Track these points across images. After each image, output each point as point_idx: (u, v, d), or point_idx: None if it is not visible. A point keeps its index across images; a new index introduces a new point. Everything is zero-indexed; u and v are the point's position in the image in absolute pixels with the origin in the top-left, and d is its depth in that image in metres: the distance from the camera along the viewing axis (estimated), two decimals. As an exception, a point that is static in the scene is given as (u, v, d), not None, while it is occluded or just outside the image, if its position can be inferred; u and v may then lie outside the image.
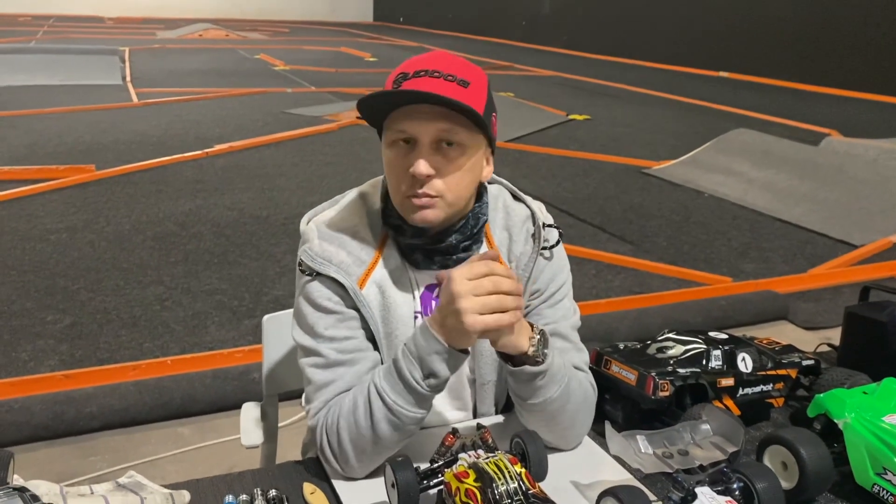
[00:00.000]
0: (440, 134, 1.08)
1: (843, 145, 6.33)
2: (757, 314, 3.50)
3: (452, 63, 1.10)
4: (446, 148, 1.10)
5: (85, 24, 20.53)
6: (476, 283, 1.02)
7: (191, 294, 3.49)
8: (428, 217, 1.11)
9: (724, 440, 1.17)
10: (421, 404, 1.07)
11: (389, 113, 1.10)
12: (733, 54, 12.85)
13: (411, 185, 1.10)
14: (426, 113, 1.07)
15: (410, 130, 1.08)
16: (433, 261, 1.18)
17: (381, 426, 1.07)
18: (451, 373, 1.06)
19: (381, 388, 1.07)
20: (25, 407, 2.46)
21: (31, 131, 6.69)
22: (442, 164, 1.09)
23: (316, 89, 9.81)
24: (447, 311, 1.02)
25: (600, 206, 5.11)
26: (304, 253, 1.17)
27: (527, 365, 1.09)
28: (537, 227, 1.23)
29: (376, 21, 26.88)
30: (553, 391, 1.12)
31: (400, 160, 1.10)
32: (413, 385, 1.05)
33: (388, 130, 1.11)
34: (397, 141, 1.10)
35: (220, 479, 1.11)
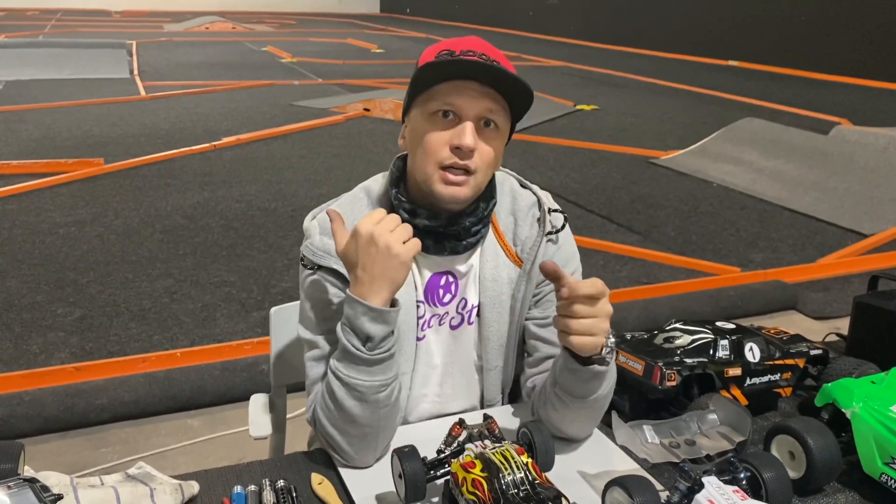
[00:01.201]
0: (485, 113, 1.11)
1: (853, 134, 6.29)
2: (766, 304, 3.49)
3: (492, 50, 1.13)
4: (484, 128, 1.12)
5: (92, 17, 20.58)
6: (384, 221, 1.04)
7: (199, 286, 3.50)
8: (459, 195, 1.12)
9: (731, 430, 1.17)
10: (373, 371, 1.07)
11: (433, 85, 1.11)
12: (742, 43, 12.77)
13: (450, 156, 1.11)
14: (475, 90, 1.09)
15: (458, 104, 1.10)
16: (444, 246, 1.19)
17: (347, 403, 1.07)
18: (387, 329, 1.06)
19: (335, 367, 1.08)
20: (37, 399, 2.48)
21: (40, 125, 6.72)
22: (481, 142, 1.12)
23: (323, 81, 9.81)
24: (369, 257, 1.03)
25: (608, 197, 5.09)
26: (306, 248, 1.19)
27: (595, 365, 1.08)
28: (543, 212, 1.24)
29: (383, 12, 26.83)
30: (605, 388, 1.13)
31: (440, 131, 1.11)
32: (355, 353, 1.05)
33: (431, 101, 1.12)
34: (437, 113, 1.11)
35: (228, 469, 1.12)
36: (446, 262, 1.21)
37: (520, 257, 1.23)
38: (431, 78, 1.11)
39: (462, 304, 1.24)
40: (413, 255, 1.04)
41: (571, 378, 1.10)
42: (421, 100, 1.14)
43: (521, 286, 1.22)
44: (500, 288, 1.22)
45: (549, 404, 1.16)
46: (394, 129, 6.88)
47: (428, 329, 1.23)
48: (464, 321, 1.25)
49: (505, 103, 1.12)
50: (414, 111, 1.16)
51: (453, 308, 1.24)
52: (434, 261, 1.21)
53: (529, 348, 1.26)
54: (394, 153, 1.24)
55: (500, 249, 1.23)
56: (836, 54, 11.18)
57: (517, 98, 1.13)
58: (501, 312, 1.23)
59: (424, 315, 1.22)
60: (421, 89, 1.13)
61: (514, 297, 1.23)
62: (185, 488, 1.04)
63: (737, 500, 0.94)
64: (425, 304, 1.22)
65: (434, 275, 1.22)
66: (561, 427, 1.17)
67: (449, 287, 1.23)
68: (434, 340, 1.24)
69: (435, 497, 1.02)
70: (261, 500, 1.03)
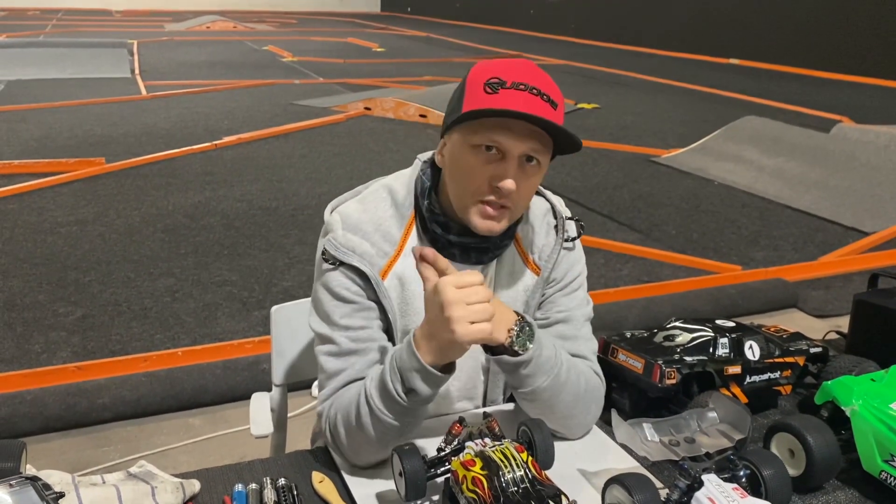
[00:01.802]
0: (529, 152, 1.09)
1: (854, 132, 6.28)
2: (767, 302, 3.49)
3: (542, 78, 1.09)
4: (526, 163, 1.11)
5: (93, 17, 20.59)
6: (467, 290, 1.00)
7: (201, 285, 3.51)
8: (494, 228, 1.13)
9: (730, 428, 1.17)
10: (405, 414, 1.06)
11: (482, 116, 1.08)
12: (743, 41, 12.75)
13: (488, 192, 1.10)
14: (521, 129, 1.07)
15: (504, 143, 1.08)
16: (469, 256, 1.20)
17: (369, 429, 1.07)
18: (433, 391, 1.05)
19: (370, 394, 1.07)
20: (39, 398, 2.48)
21: (42, 125, 6.72)
22: (521, 179, 1.10)
23: (324, 80, 9.81)
24: (438, 321, 1.01)
25: (609, 195, 5.09)
26: (329, 242, 1.17)
27: (505, 355, 1.09)
28: (559, 219, 1.25)
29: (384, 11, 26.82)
30: (541, 381, 1.12)
31: (482, 166, 1.10)
32: (395, 397, 1.05)
33: (475, 134, 1.09)
34: (481, 146, 1.09)
35: (229, 468, 1.12)
36: (463, 267, 1.22)
37: (537, 265, 1.23)
38: (479, 111, 1.08)
39: None
40: (472, 341, 1.01)
41: (501, 370, 1.15)
42: (465, 128, 1.11)
43: (537, 293, 1.23)
44: (515, 294, 1.23)
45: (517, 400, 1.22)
46: (395, 128, 6.88)
47: None
48: None
49: (549, 140, 1.10)
50: (456, 134, 1.13)
51: None
52: (455, 267, 1.21)
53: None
54: (395, 151, 1.25)
55: (518, 257, 1.24)
56: (838, 52, 11.17)
57: (565, 145, 1.12)
58: None
59: None
60: (468, 116, 1.09)
61: (528, 304, 1.23)
62: (187, 487, 1.04)
63: (736, 497, 0.94)
64: None
65: None
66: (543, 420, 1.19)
67: None
68: None
69: (435, 495, 1.02)
70: (262, 498, 1.03)
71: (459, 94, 1.12)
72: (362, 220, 1.18)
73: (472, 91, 1.09)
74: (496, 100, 1.06)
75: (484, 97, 1.07)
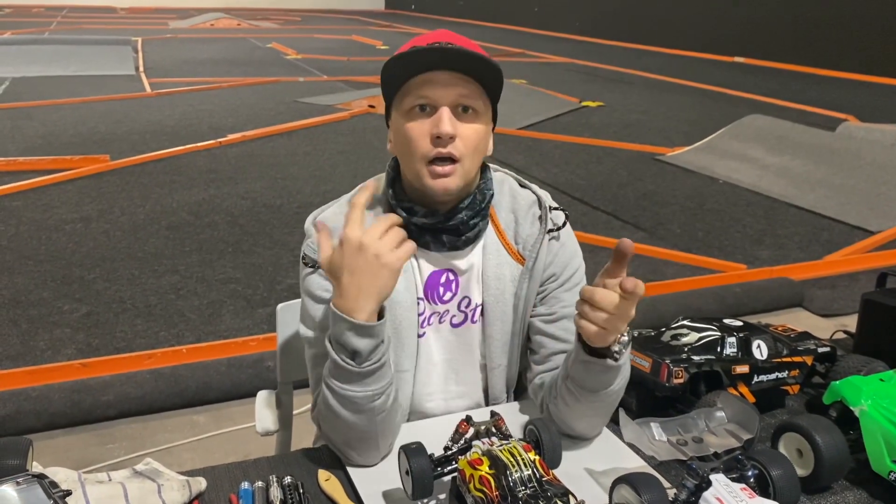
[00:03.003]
0: (459, 99, 1.10)
1: (860, 130, 6.26)
2: (772, 301, 3.48)
3: (460, 38, 1.13)
4: (462, 113, 1.12)
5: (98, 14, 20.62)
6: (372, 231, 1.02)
7: (205, 283, 3.51)
8: (448, 185, 1.12)
9: (738, 427, 1.17)
10: (366, 383, 1.05)
11: (405, 82, 1.11)
12: (748, 39, 12.72)
13: (433, 148, 1.11)
14: (445, 79, 1.09)
15: (431, 95, 1.10)
16: (443, 242, 1.19)
17: (343, 413, 1.07)
18: (375, 342, 1.04)
19: (327, 379, 1.07)
20: (44, 395, 2.49)
21: (47, 122, 6.73)
22: (460, 128, 1.11)
23: (328, 78, 9.81)
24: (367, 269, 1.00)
25: (614, 194, 5.08)
26: (307, 247, 1.19)
27: (608, 358, 1.07)
28: (544, 210, 1.24)
29: (388, 9, 26.81)
30: (617, 384, 1.12)
31: (419, 126, 1.11)
32: (343, 366, 1.04)
33: (406, 97, 1.12)
34: (414, 108, 1.12)
35: (235, 466, 1.12)
36: (446, 260, 1.21)
37: (521, 255, 1.23)
38: (401, 75, 1.11)
39: (465, 303, 1.24)
40: (405, 261, 1.03)
41: (584, 370, 1.10)
42: (396, 99, 1.14)
43: (524, 284, 1.22)
44: (503, 286, 1.22)
45: (559, 398, 1.16)
46: (399, 126, 6.87)
47: (428, 326, 1.23)
48: (467, 319, 1.24)
49: (479, 86, 1.11)
50: (393, 113, 1.16)
51: (454, 306, 1.24)
52: (433, 257, 1.21)
53: (535, 345, 1.26)
54: (397, 149, 1.25)
55: (502, 247, 1.23)
56: (843, 50, 11.14)
57: (489, 79, 1.12)
58: (505, 310, 1.23)
59: (424, 312, 1.22)
60: (394, 88, 1.13)
61: (517, 296, 1.23)
62: (193, 484, 1.04)
63: (745, 497, 0.93)
64: (425, 302, 1.22)
65: (434, 272, 1.22)
66: (570, 423, 1.16)
67: (449, 285, 1.23)
68: (434, 338, 1.24)
69: (442, 494, 1.02)
70: (268, 496, 1.03)
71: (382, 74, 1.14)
72: (339, 221, 1.17)
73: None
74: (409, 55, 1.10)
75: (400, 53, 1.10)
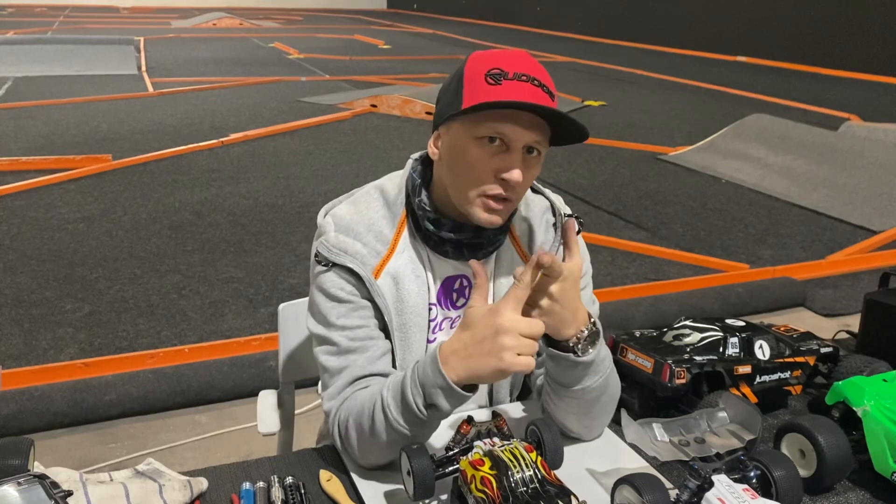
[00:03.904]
0: (532, 143, 1.09)
1: (863, 130, 6.25)
2: (774, 301, 3.47)
3: (540, 70, 1.10)
4: (527, 155, 1.10)
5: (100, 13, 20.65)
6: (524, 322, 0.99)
7: (207, 282, 3.51)
8: (496, 222, 1.12)
9: (741, 428, 1.17)
10: (422, 426, 1.05)
11: (488, 108, 1.07)
12: (751, 38, 12.71)
13: (494, 187, 1.10)
14: (528, 120, 1.07)
15: (509, 134, 1.07)
16: (463, 253, 1.19)
17: (383, 437, 1.06)
18: (454, 408, 1.04)
19: (387, 404, 1.06)
20: (46, 394, 2.49)
21: (49, 121, 6.74)
22: (524, 170, 1.10)
23: (330, 77, 9.81)
24: (486, 343, 0.99)
25: (616, 193, 5.08)
26: (321, 244, 1.18)
27: (571, 353, 1.08)
28: (558, 216, 1.24)
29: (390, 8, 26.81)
30: (593, 381, 1.11)
31: (487, 158, 1.09)
32: (414, 410, 1.03)
33: (479, 126, 1.08)
34: (485, 138, 1.09)
35: (237, 466, 1.12)
36: (461, 266, 1.21)
37: None
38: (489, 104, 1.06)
39: None
40: (518, 370, 0.99)
41: (554, 366, 1.11)
42: (470, 119, 1.09)
43: None
44: None
45: (546, 395, 1.18)
46: (400, 125, 6.88)
47: (439, 332, 1.23)
48: None
49: (547, 129, 1.10)
50: (457, 126, 1.11)
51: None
52: (450, 264, 1.21)
53: (540, 347, 1.26)
54: (401, 149, 1.25)
55: (517, 254, 1.23)
56: (846, 50, 11.12)
57: (566, 136, 1.11)
58: None
59: (437, 318, 1.22)
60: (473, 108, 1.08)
61: None
62: (194, 484, 1.04)
63: (747, 498, 0.93)
64: (438, 307, 1.22)
65: (448, 278, 1.21)
66: (561, 421, 1.17)
67: (463, 291, 1.23)
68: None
69: (444, 494, 1.02)
70: (269, 496, 1.03)
71: (457, 85, 1.10)
72: (354, 220, 1.18)
73: (473, 82, 1.08)
74: (501, 91, 1.05)
75: (487, 88, 1.06)
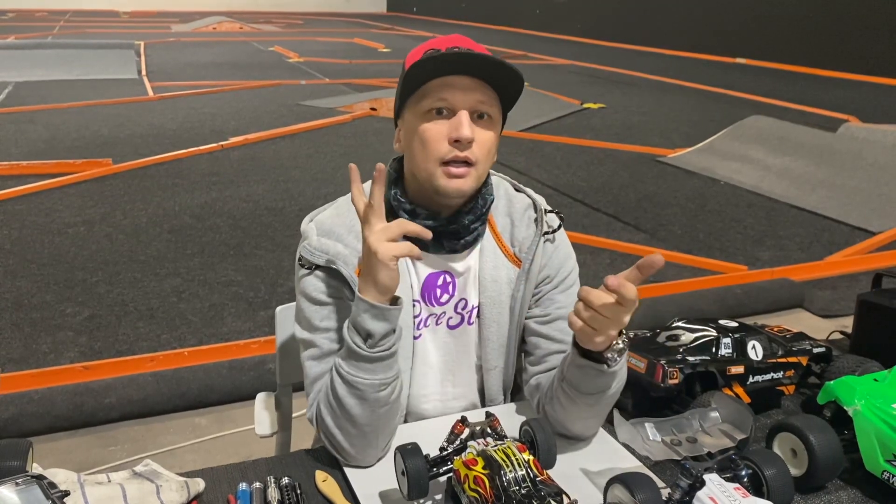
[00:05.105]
0: (477, 105, 1.13)
1: (861, 131, 6.26)
2: (773, 302, 3.48)
3: (476, 46, 1.15)
4: (478, 119, 1.14)
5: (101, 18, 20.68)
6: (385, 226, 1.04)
7: (207, 286, 3.52)
8: (463, 187, 1.14)
9: (732, 427, 1.18)
10: (375, 370, 1.08)
11: (423, 84, 1.12)
12: (750, 40, 12.72)
13: (449, 150, 1.12)
14: (466, 84, 1.11)
15: (451, 99, 1.12)
16: (442, 245, 1.20)
17: (347, 401, 1.09)
18: (388, 327, 1.06)
19: (338, 364, 1.09)
20: (46, 398, 2.50)
21: (49, 126, 6.75)
22: (477, 134, 1.13)
23: (330, 81, 9.83)
24: (366, 255, 1.04)
25: (615, 195, 5.09)
26: (304, 248, 1.20)
27: (604, 364, 1.08)
28: (539, 213, 1.26)
29: (390, 12, 26.85)
30: (613, 387, 1.13)
31: (437, 128, 1.13)
32: (356, 350, 1.06)
33: (422, 101, 1.13)
34: (432, 111, 1.13)
35: (234, 467, 1.13)
36: (443, 262, 1.23)
37: (518, 257, 1.24)
38: (421, 76, 1.12)
39: (462, 305, 1.25)
40: (393, 255, 1.03)
41: (579, 374, 1.11)
42: (413, 100, 1.15)
43: (521, 286, 1.23)
44: (500, 288, 1.24)
45: (555, 400, 1.17)
46: (400, 129, 6.88)
47: (424, 328, 1.24)
48: (463, 321, 1.26)
49: (495, 94, 1.14)
50: (407, 113, 1.17)
51: (451, 308, 1.25)
52: (431, 260, 1.22)
53: (531, 346, 1.27)
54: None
55: (499, 250, 1.25)
56: (844, 51, 11.13)
57: (508, 86, 1.14)
58: (501, 312, 1.24)
59: (421, 314, 1.24)
60: (412, 89, 1.14)
61: (514, 297, 1.24)
62: (191, 485, 1.05)
63: (738, 497, 0.94)
64: (422, 304, 1.23)
65: (431, 274, 1.23)
66: (566, 424, 1.17)
67: (446, 287, 1.24)
68: (431, 339, 1.25)
69: (438, 494, 1.03)
70: (265, 497, 1.04)
71: (401, 74, 1.15)
72: (335, 224, 1.20)
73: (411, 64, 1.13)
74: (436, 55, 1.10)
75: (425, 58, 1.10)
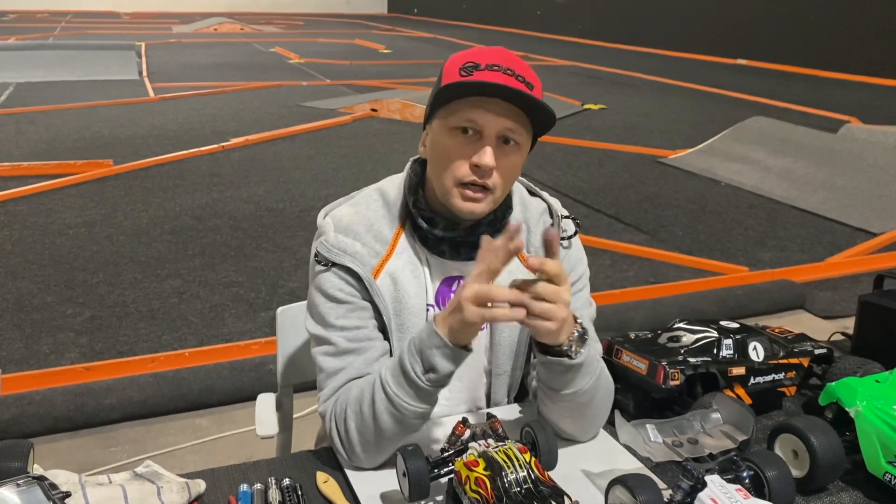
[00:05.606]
0: (505, 131, 1.10)
1: (862, 132, 6.26)
2: (774, 303, 3.48)
3: (517, 62, 1.12)
4: (503, 145, 1.12)
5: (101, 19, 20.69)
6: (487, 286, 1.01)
7: (208, 287, 3.52)
8: (476, 210, 1.13)
9: (734, 429, 1.18)
10: (422, 399, 1.07)
11: (455, 99, 1.10)
12: (751, 41, 12.72)
13: (469, 174, 1.11)
14: (497, 107, 1.09)
15: (480, 121, 1.10)
16: (459, 253, 1.20)
17: (384, 418, 1.08)
18: (452, 368, 1.06)
19: (385, 380, 1.08)
20: (47, 399, 2.50)
21: (50, 127, 6.76)
22: (500, 159, 1.11)
23: (331, 82, 9.83)
24: (452, 303, 1.03)
25: (615, 196, 5.09)
26: (321, 245, 1.19)
27: (563, 357, 1.09)
28: (555, 218, 1.25)
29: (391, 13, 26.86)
30: (585, 383, 1.12)
31: (460, 148, 1.11)
32: (413, 379, 1.05)
33: (451, 116, 1.11)
34: (458, 129, 1.11)
35: (234, 468, 1.13)
36: (458, 267, 1.22)
37: None
38: (454, 91, 1.10)
39: None
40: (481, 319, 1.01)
41: (547, 372, 1.12)
42: (443, 112, 1.13)
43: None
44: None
45: (541, 402, 1.19)
46: (401, 130, 6.89)
47: None
48: None
49: (527, 120, 1.11)
50: (436, 122, 1.15)
51: None
52: (447, 265, 1.22)
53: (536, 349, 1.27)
54: (401, 153, 1.26)
55: (516, 257, 1.24)
56: (845, 52, 11.13)
57: (539, 116, 1.12)
58: None
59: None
60: (444, 101, 1.12)
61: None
62: (192, 486, 1.05)
63: (740, 498, 0.94)
64: (435, 308, 1.23)
65: (446, 279, 1.23)
66: (555, 423, 1.18)
67: None
68: None
69: (439, 495, 1.02)
70: (266, 498, 1.04)
71: (437, 83, 1.13)
72: (353, 221, 1.19)
73: (449, 78, 1.11)
74: (470, 80, 1.08)
75: (459, 80, 1.09)
